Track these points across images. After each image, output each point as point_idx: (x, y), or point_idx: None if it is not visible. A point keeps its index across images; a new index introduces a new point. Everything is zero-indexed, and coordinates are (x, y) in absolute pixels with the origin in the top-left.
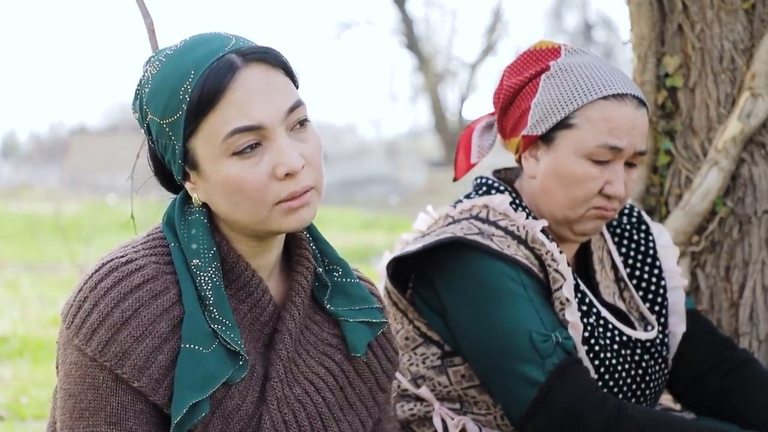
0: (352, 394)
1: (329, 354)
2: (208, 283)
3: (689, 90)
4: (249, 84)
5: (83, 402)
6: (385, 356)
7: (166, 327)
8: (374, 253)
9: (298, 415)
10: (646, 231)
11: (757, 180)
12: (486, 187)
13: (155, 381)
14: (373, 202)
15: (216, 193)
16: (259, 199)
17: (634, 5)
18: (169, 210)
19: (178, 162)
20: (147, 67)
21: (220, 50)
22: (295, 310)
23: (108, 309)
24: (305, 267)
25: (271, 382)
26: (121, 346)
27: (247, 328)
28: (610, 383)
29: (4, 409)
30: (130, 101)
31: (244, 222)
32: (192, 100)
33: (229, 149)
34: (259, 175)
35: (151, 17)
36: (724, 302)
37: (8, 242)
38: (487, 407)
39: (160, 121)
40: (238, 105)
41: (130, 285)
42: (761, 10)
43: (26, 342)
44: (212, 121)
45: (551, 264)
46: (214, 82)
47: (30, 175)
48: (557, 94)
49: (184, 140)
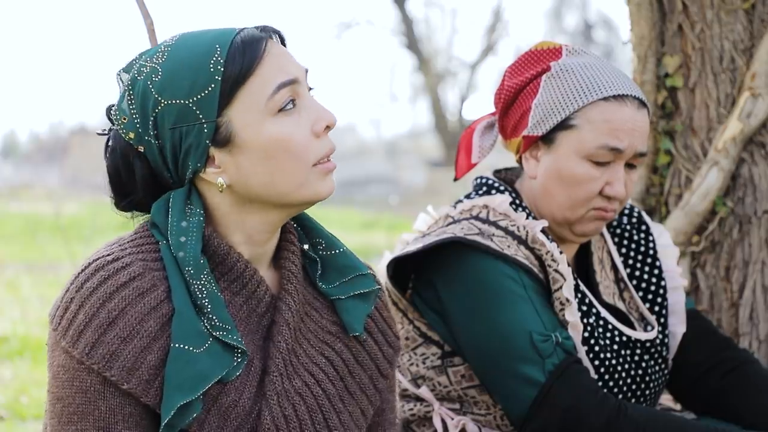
0: (352, 384)
1: (329, 342)
2: (203, 291)
3: (689, 90)
4: (276, 48)
5: (71, 406)
6: (386, 341)
7: (154, 325)
8: (374, 253)
9: (298, 409)
10: (646, 231)
11: (757, 180)
12: (486, 187)
13: (145, 382)
14: (373, 202)
15: (255, 162)
16: (302, 158)
17: (634, 5)
18: (155, 214)
19: (204, 143)
20: (143, 63)
21: (231, 30)
22: (290, 298)
23: (94, 309)
24: (291, 252)
25: (270, 376)
26: (108, 348)
27: (244, 320)
28: (610, 383)
29: (4, 409)
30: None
31: (283, 189)
32: (229, 71)
33: (275, 107)
34: (303, 131)
35: (151, 17)
36: (724, 302)
37: (8, 242)
38: (487, 407)
39: (186, 101)
40: (276, 64)
41: (116, 284)
42: (761, 10)
43: (26, 342)
44: (253, 84)
45: (551, 264)
46: (252, 48)
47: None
48: (558, 95)
49: (216, 114)
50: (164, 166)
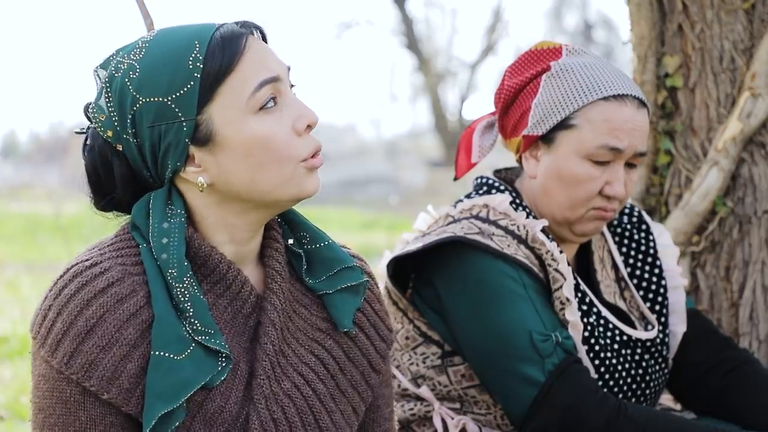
0: (343, 381)
1: (319, 340)
2: (185, 294)
3: (689, 90)
4: (256, 44)
5: (52, 417)
6: (378, 335)
7: (133, 333)
8: (374, 253)
9: (288, 411)
10: (646, 231)
11: (757, 180)
12: (486, 186)
13: (126, 391)
14: (373, 202)
15: (237, 160)
16: (285, 156)
17: (634, 5)
18: (135, 216)
19: (184, 141)
20: (121, 60)
21: (210, 25)
22: (275, 297)
23: (71, 318)
24: (275, 249)
25: (257, 379)
26: (86, 357)
27: (229, 323)
28: (610, 383)
29: (4, 409)
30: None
31: (267, 186)
32: (208, 67)
33: (256, 105)
34: (284, 129)
35: (151, 17)
36: (724, 302)
37: (8, 242)
38: (487, 407)
39: (164, 99)
40: (257, 61)
41: (93, 290)
42: (761, 10)
43: (26, 342)
44: (233, 81)
45: (551, 264)
46: (232, 44)
47: (30, 175)
48: (558, 95)
49: (196, 112)
50: (143, 165)
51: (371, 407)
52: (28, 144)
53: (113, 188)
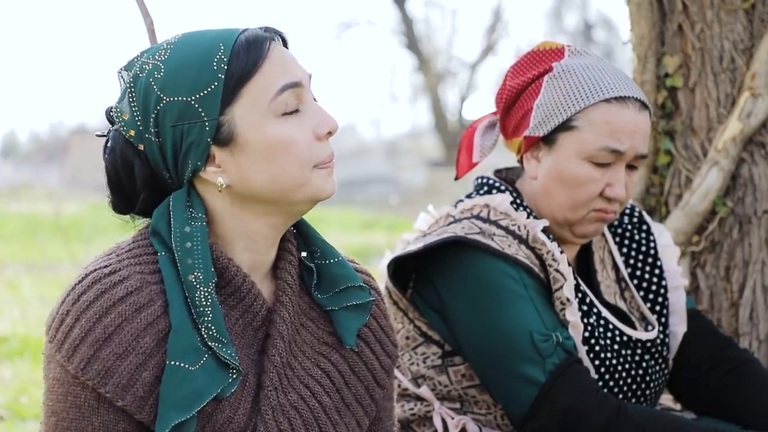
0: (348, 395)
1: (325, 354)
2: (207, 299)
3: (689, 90)
4: (280, 49)
5: (65, 420)
6: (384, 351)
7: (150, 342)
8: (374, 253)
9: (294, 423)
10: (647, 231)
11: (757, 180)
12: (487, 186)
13: (140, 399)
14: (373, 202)
15: (257, 161)
16: (304, 159)
17: (634, 5)
18: (156, 221)
19: (206, 141)
20: (146, 61)
21: (235, 29)
22: (284, 310)
23: (90, 324)
24: (289, 261)
25: (265, 391)
26: (103, 364)
27: (239, 334)
28: (610, 383)
29: (4, 409)
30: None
31: (285, 188)
32: (232, 68)
33: (278, 108)
34: (306, 133)
35: (151, 17)
36: (724, 302)
37: (8, 242)
38: (487, 407)
39: (187, 98)
40: (280, 65)
41: (112, 298)
42: (761, 10)
43: (26, 342)
44: (256, 83)
45: (552, 264)
46: (256, 47)
47: (30, 175)
48: (560, 96)
49: (219, 113)
50: (164, 165)
51: (374, 420)
52: (28, 144)
53: (133, 190)
